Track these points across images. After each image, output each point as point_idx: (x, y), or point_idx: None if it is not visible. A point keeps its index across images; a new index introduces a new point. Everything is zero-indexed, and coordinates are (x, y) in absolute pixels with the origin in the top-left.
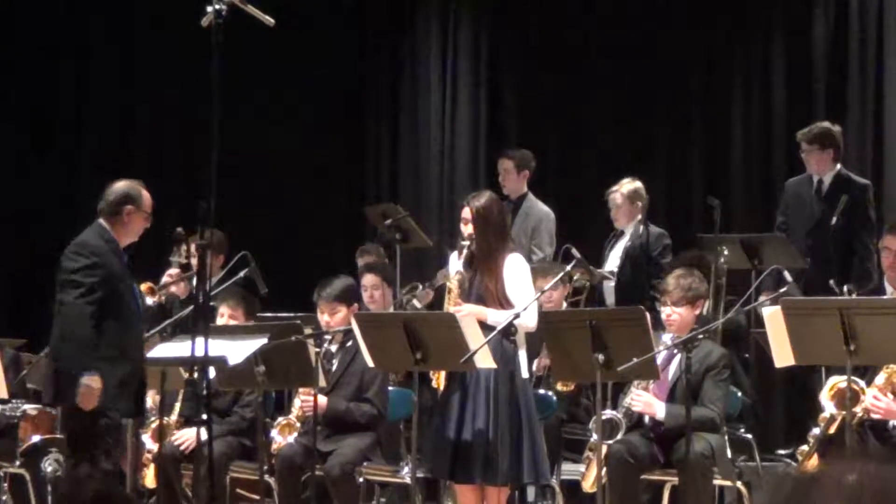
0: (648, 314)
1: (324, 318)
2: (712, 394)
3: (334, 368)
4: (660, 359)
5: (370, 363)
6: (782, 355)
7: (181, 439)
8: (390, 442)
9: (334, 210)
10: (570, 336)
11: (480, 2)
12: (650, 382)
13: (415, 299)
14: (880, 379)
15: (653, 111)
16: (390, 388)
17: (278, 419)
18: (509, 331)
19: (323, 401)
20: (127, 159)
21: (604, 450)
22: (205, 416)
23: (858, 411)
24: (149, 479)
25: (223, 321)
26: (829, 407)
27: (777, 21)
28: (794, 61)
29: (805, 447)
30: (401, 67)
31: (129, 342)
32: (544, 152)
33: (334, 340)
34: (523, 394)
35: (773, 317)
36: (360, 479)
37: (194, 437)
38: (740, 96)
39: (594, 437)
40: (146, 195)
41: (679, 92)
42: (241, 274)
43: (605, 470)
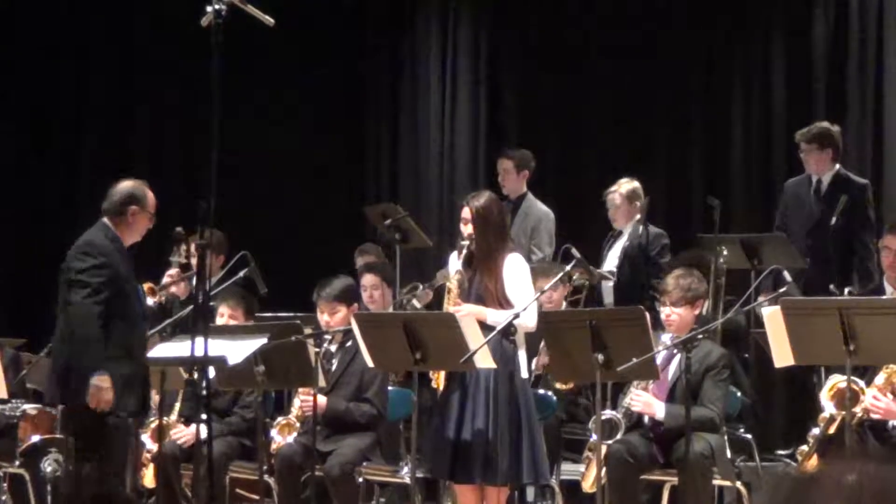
0: (648, 314)
1: (323, 318)
2: (712, 394)
3: (334, 368)
4: (659, 359)
5: (370, 363)
6: (782, 355)
7: (181, 433)
8: (390, 442)
9: (334, 210)
10: (570, 336)
11: (480, 1)
12: (650, 382)
13: (414, 299)
14: (880, 379)
15: (653, 111)
16: (390, 388)
17: (278, 419)
18: (509, 331)
19: (322, 401)
20: (127, 159)
21: (603, 450)
22: (204, 416)
23: (858, 411)
24: (148, 479)
25: (223, 321)
26: (829, 407)
27: (777, 21)
28: (794, 61)
29: (805, 447)
30: (401, 67)
31: (134, 342)
32: (544, 152)
33: (334, 340)
34: (523, 394)
35: (772, 317)
36: (360, 479)
37: (193, 433)
38: (740, 96)
39: (594, 437)
40: (151, 195)
41: (679, 92)
42: (241, 274)
43: (604, 470)
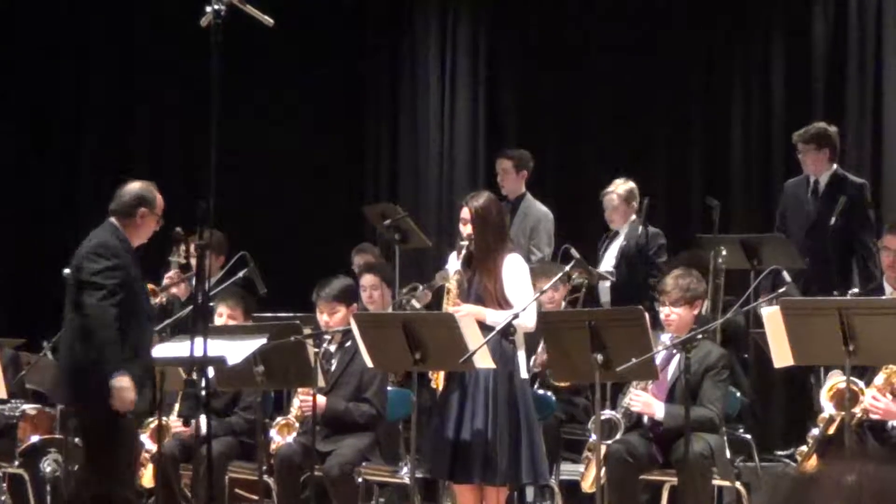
0: (647, 314)
1: (323, 318)
2: (711, 394)
3: (333, 368)
4: (659, 359)
5: (369, 363)
6: (781, 355)
7: (179, 428)
8: (389, 442)
9: (334, 210)
10: (569, 336)
11: (479, 1)
12: (649, 382)
13: (414, 300)
14: (879, 379)
15: (652, 111)
16: (389, 389)
17: (277, 419)
18: (508, 331)
19: (322, 401)
20: (127, 159)
21: (603, 450)
22: (204, 416)
23: (857, 412)
24: (147, 479)
25: (222, 321)
26: (829, 407)
27: (777, 21)
28: (794, 61)
29: (804, 447)
30: (400, 67)
31: (143, 342)
32: (543, 152)
33: (333, 340)
34: (522, 394)
35: (772, 317)
36: (359, 480)
37: (193, 429)
38: (740, 96)
39: (593, 437)
40: (159, 197)
41: (679, 92)
42: (241, 274)
43: (604, 470)
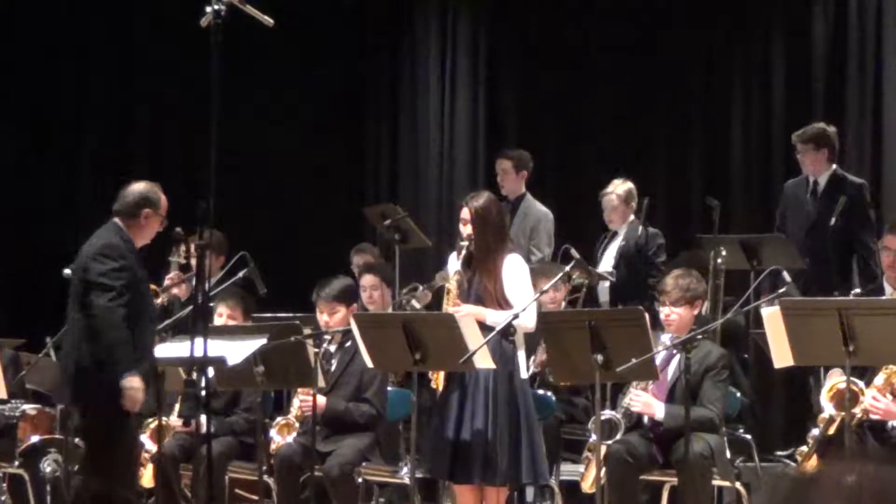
0: (647, 314)
1: (323, 319)
2: (711, 394)
3: (333, 368)
4: (659, 359)
5: (369, 363)
6: (781, 356)
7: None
8: (389, 442)
9: (334, 210)
10: (569, 336)
11: (480, 1)
12: (649, 383)
13: (414, 300)
14: (879, 380)
15: (653, 111)
16: (389, 389)
17: (277, 419)
18: (508, 331)
19: (322, 401)
20: (127, 159)
21: (603, 450)
22: (204, 417)
23: (857, 412)
24: (146, 479)
25: (222, 321)
26: (829, 408)
27: (777, 21)
28: (794, 61)
29: (804, 448)
30: (400, 67)
31: (148, 343)
32: (543, 152)
33: (333, 340)
34: (522, 394)
35: (772, 317)
36: (359, 480)
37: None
38: (740, 96)
39: (593, 437)
40: (164, 198)
41: (679, 92)
42: (241, 274)
43: (604, 470)
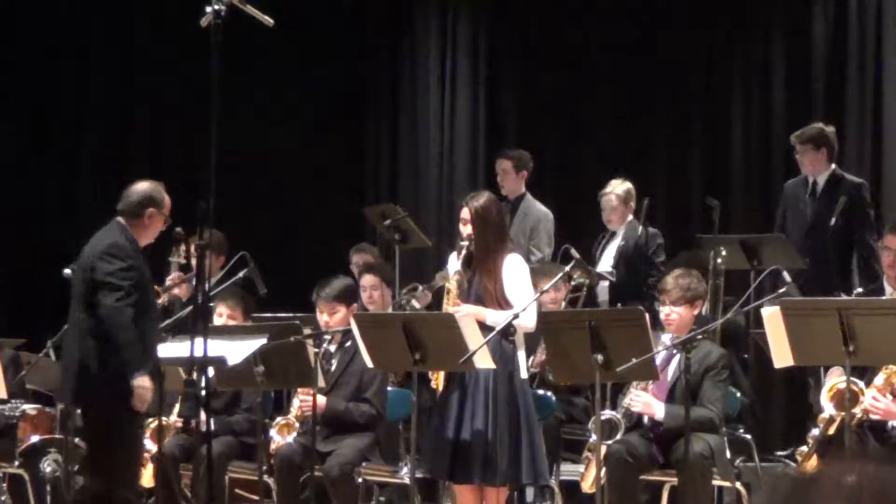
0: (647, 314)
1: (323, 318)
2: (711, 394)
3: (333, 368)
4: (659, 359)
5: (369, 363)
6: (781, 356)
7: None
8: (389, 442)
9: (334, 210)
10: (569, 336)
11: (480, 1)
12: (649, 383)
13: (414, 300)
14: (879, 380)
15: (653, 111)
16: (389, 389)
17: (277, 419)
18: (508, 331)
19: (322, 401)
20: (127, 159)
21: (603, 450)
22: (203, 417)
23: (858, 412)
24: (146, 479)
25: (221, 321)
26: (829, 408)
27: (777, 21)
28: (794, 61)
29: (804, 448)
30: (400, 67)
31: (153, 342)
32: (543, 152)
33: (333, 340)
34: (522, 394)
35: (772, 317)
36: (359, 480)
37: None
38: (740, 96)
39: (593, 437)
40: (167, 198)
41: (679, 92)
42: (241, 274)
43: (604, 470)
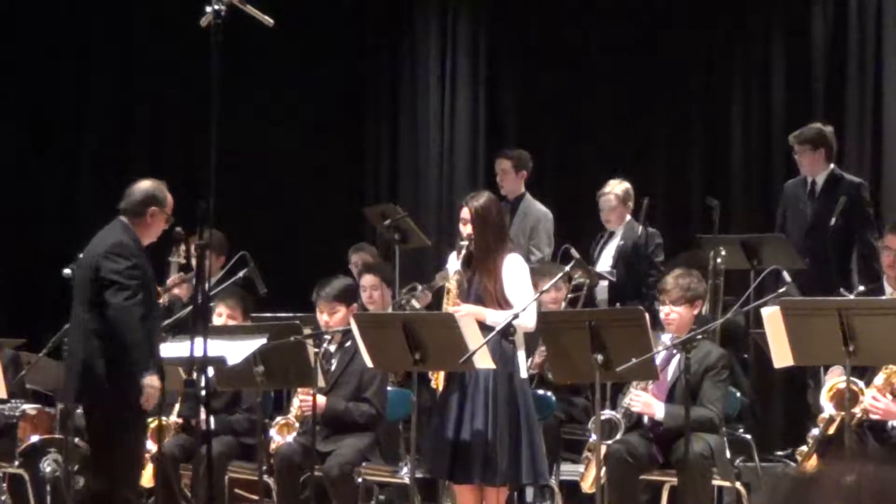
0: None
1: (323, 318)
2: (711, 394)
3: (333, 368)
4: (659, 359)
5: (369, 363)
6: (781, 356)
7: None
8: (389, 442)
9: (334, 210)
10: (569, 336)
11: (480, 1)
12: (649, 382)
13: (414, 300)
14: (879, 379)
15: (653, 111)
16: (389, 389)
17: (277, 419)
18: (508, 331)
19: (322, 401)
20: (127, 159)
21: (603, 450)
22: (203, 416)
23: (857, 412)
24: (146, 479)
25: (221, 321)
26: (828, 407)
27: (777, 21)
28: (794, 61)
29: (804, 448)
30: (400, 67)
31: (156, 341)
32: (543, 152)
33: (333, 340)
34: (522, 394)
35: (772, 317)
36: (359, 480)
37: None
38: (740, 96)
39: (593, 437)
40: (170, 197)
41: (679, 92)
42: (241, 274)
43: (604, 470)
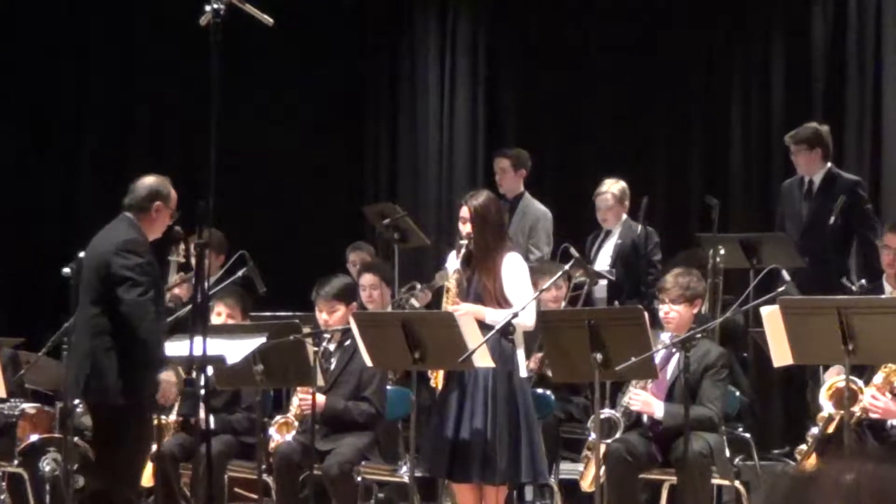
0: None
1: (322, 317)
2: (711, 393)
3: (332, 367)
4: (658, 358)
5: (368, 362)
6: (780, 355)
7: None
8: (388, 441)
9: (334, 210)
10: (569, 335)
11: (479, 0)
12: (648, 381)
13: (413, 299)
14: (878, 378)
15: (653, 111)
16: (388, 388)
17: (276, 418)
18: (507, 330)
19: (321, 399)
20: (127, 159)
21: (602, 449)
22: (203, 415)
23: (857, 411)
24: (146, 478)
25: (220, 320)
26: (828, 406)
27: (777, 21)
28: (794, 61)
29: (803, 446)
30: (400, 67)
31: (163, 338)
32: (543, 151)
33: (332, 339)
34: (521, 393)
35: (771, 316)
36: (359, 479)
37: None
38: (740, 96)
39: (592, 436)
40: (174, 192)
41: (679, 92)
42: (240, 273)
43: (603, 469)
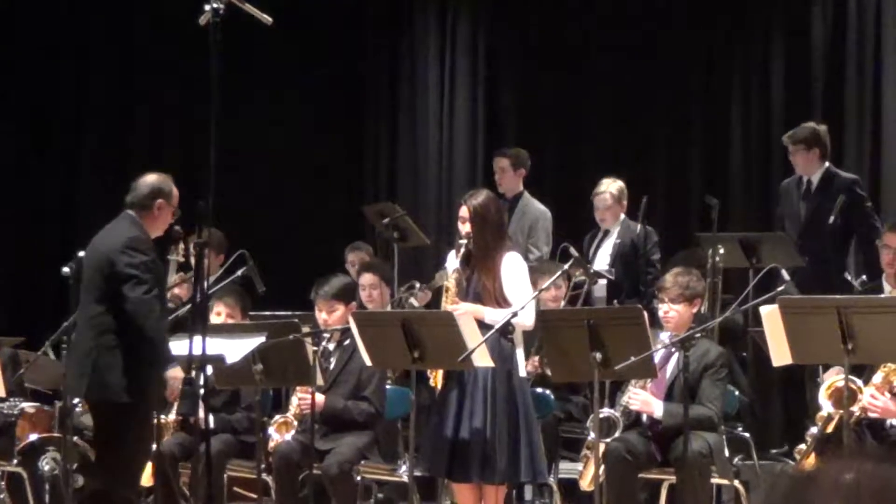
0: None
1: (321, 317)
2: (710, 392)
3: (332, 367)
4: (657, 357)
5: (368, 362)
6: (780, 354)
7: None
8: (388, 440)
9: (333, 210)
10: (568, 335)
11: (479, 0)
12: (648, 381)
13: (412, 298)
14: (878, 378)
15: (653, 111)
16: (388, 387)
17: (276, 417)
18: (507, 329)
19: (320, 399)
20: (127, 159)
21: (601, 448)
22: (202, 415)
23: (856, 410)
24: (145, 478)
25: (220, 319)
26: (827, 406)
27: (777, 21)
28: (794, 61)
29: (803, 446)
30: (400, 67)
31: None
32: (543, 151)
33: (332, 339)
34: (521, 392)
35: (770, 315)
36: (358, 478)
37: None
38: (740, 96)
39: (592, 435)
40: (176, 190)
41: (679, 92)
42: (239, 272)
43: (602, 468)
